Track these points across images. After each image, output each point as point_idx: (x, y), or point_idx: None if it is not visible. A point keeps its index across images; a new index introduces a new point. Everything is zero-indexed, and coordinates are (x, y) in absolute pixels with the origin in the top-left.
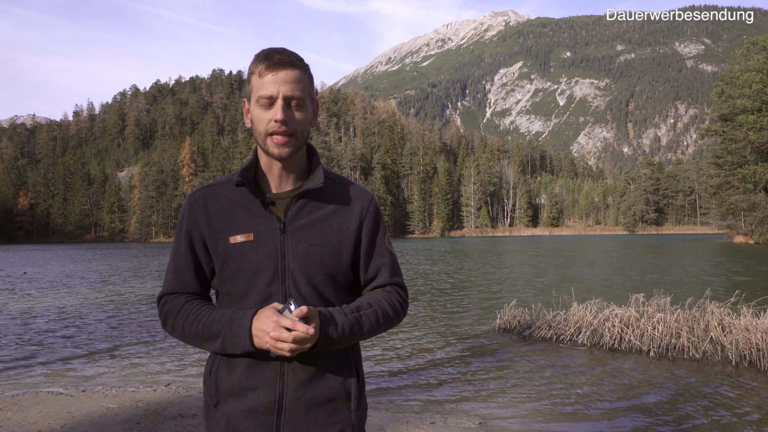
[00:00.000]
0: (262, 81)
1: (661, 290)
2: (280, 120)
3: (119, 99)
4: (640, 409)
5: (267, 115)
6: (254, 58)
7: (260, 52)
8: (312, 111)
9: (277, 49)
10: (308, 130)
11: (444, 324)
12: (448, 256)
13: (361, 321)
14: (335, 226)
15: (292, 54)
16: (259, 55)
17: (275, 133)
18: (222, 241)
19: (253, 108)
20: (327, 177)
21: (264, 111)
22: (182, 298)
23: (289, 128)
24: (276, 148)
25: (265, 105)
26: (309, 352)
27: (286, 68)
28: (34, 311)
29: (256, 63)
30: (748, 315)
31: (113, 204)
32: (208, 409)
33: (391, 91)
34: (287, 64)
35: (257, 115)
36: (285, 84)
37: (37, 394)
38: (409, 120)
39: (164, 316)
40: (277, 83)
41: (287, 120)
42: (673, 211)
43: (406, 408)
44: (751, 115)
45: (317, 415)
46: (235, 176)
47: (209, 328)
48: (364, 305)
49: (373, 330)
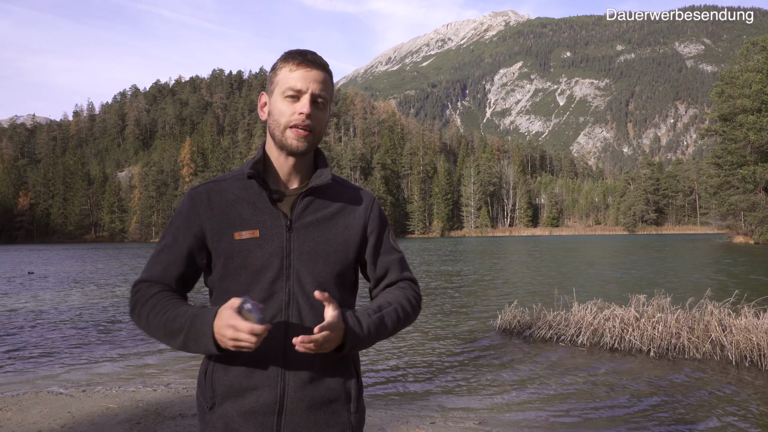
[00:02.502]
0: (292, 75)
1: (662, 290)
2: (306, 113)
3: (119, 99)
4: (641, 409)
5: (292, 108)
6: (285, 55)
7: (293, 50)
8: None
9: (310, 51)
10: (324, 132)
11: (444, 324)
12: (448, 256)
13: (385, 320)
14: (341, 224)
15: (323, 59)
16: (293, 52)
17: (298, 126)
18: (226, 237)
19: (277, 100)
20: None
21: (290, 104)
22: (156, 287)
23: (311, 123)
24: (295, 140)
25: (292, 98)
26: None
27: (317, 68)
28: (35, 311)
29: (288, 59)
30: (749, 315)
31: (113, 204)
32: (202, 413)
33: (391, 91)
34: (319, 65)
35: (281, 107)
36: (315, 82)
37: (37, 394)
38: (409, 120)
39: (134, 303)
40: (307, 80)
41: (311, 115)
42: (673, 211)
43: (406, 408)
44: (751, 115)
45: (318, 417)
46: (246, 168)
47: (172, 322)
48: (384, 304)
49: (395, 328)
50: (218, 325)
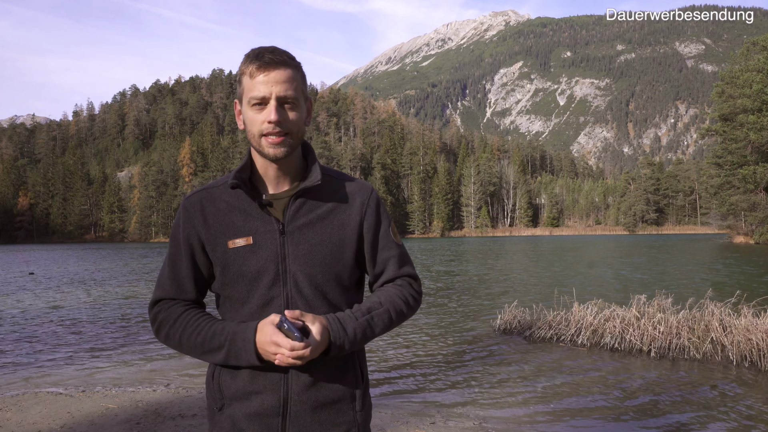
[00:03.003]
0: (253, 82)
1: (662, 290)
2: (274, 121)
3: (119, 99)
4: (641, 409)
5: (260, 117)
6: (244, 58)
7: (250, 51)
8: (306, 110)
9: (268, 48)
10: (303, 129)
11: (444, 324)
12: (448, 257)
13: (373, 323)
14: (336, 223)
15: (284, 52)
16: (249, 54)
17: (270, 134)
18: (221, 246)
19: (246, 110)
20: (324, 173)
21: (257, 112)
22: (178, 307)
23: (284, 128)
24: (271, 148)
25: (258, 106)
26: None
27: (277, 68)
28: (36, 312)
29: (247, 63)
30: (749, 315)
31: (113, 204)
32: (212, 413)
33: (391, 90)
34: (279, 64)
35: (250, 116)
36: (277, 84)
37: (37, 395)
38: (409, 120)
39: (158, 325)
40: (269, 84)
41: (281, 120)
42: (673, 211)
43: (406, 408)
44: (751, 115)
45: (322, 417)
46: (230, 178)
47: (210, 341)
48: (375, 305)
49: (386, 329)
50: (261, 341)
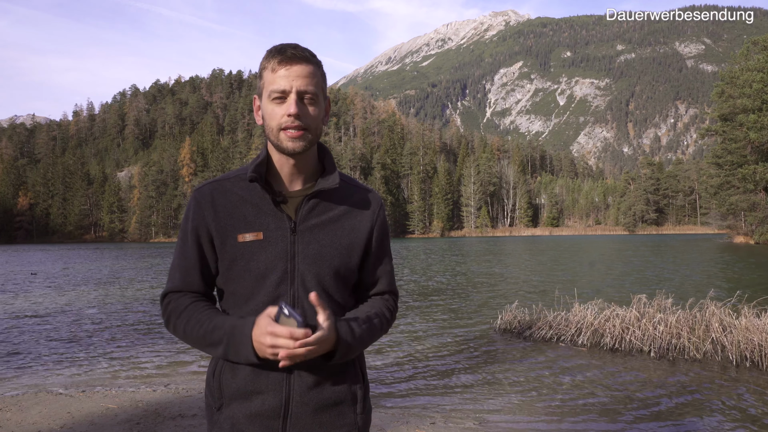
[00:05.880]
0: (275, 76)
1: (662, 291)
2: (294, 114)
3: (119, 99)
4: (641, 409)
5: (280, 110)
6: (266, 54)
7: (273, 47)
8: (324, 109)
9: (290, 45)
10: (321, 127)
11: (444, 324)
12: (448, 257)
13: (373, 331)
14: (346, 227)
15: (306, 49)
16: (272, 50)
17: (289, 128)
18: (230, 239)
19: (266, 104)
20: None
21: (277, 106)
22: (186, 298)
23: (303, 123)
24: (290, 142)
25: (278, 100)
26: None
27: (299, 63)
28: (36, 312)
29: (269, 58)
30: (749, 315)
31: (113, 204)
32: (211, 413)
33: (391, 90)
34: (301, 59)
35: (269, 110)
36: (298, 78)
37: (37, 395)
38: (409, 120)
39: (167, 316)
40: (290, 78)
41: (300, 114)
42: (673, 211)
43: (406, 408)
44: (751, 115)
45: (323, 419)
46: (249, 171)
47: (211, 335)
48: (372, 315)
49: (375, 339)
50: (256, 334)
